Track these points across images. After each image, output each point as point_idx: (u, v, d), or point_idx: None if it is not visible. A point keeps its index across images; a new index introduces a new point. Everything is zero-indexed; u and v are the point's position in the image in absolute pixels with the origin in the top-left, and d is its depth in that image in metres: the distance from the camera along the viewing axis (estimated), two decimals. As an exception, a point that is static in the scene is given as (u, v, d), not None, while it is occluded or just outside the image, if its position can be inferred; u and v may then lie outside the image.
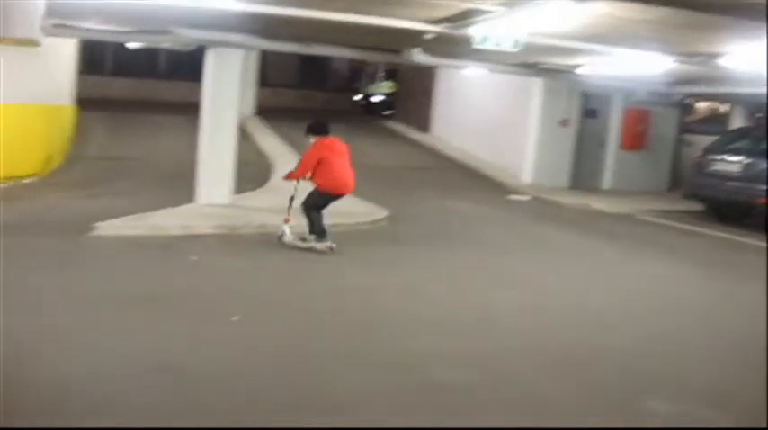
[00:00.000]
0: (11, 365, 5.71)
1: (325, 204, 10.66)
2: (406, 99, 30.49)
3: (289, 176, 10.79)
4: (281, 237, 10.71)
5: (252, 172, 17.43)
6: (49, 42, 16.00)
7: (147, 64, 31.35)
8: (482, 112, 23.17)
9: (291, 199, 10.78)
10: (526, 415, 5.35)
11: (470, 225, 13.79)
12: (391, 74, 32.38)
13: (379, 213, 13.50)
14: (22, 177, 15.87)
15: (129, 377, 5.64)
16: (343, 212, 13.16)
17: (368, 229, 12.53)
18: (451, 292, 8.86)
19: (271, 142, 22.84)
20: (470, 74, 21.25)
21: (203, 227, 11.53)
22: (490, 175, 20.69)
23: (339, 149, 10.68)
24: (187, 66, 25.23)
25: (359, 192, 15.54)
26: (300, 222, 10.76)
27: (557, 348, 6.93)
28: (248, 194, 14.78)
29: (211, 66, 13.43)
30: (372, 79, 34.39)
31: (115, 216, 11.52)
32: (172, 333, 6.77)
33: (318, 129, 10.76)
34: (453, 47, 12.45)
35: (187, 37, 12.52)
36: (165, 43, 14.38)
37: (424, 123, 27.53)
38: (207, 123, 13.48)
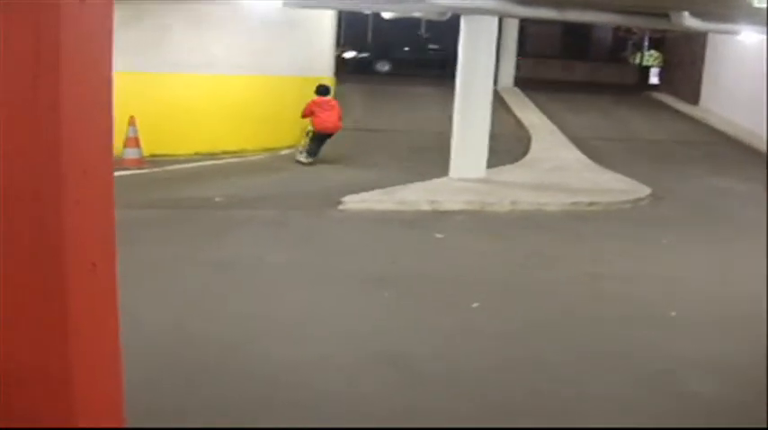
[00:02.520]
0: (231, 348, 5.50)
1: (317, 138, 14.86)
2: (673, 69, 28.86)
3: (303, 115, 14.96)
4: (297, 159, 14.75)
5: (509, 145, 16.88)
6: (306, 15, 16.25)
7: (406, 37, 31.36)
8: (757, 83, 21.38)
9: (308, 133, 14.98)
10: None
11: (742, 206, 12.40)
12: (658, 42, 30.72)
13: (642, 191, 12.50)
14: (280, 149, 16.12)
15: (355, 367, 5.24)
16: (603, 189, 12.43)
17: (627, 209, 11.58)
18: (719, 283, 7.83)
19: (529, 114, 22.18)
20: (745, 40, 19.58)
21: (453, 202, 11.08)
22: (764, 151, 19.00)
23: (325, 106, 14.99)
24: (445, 36, 24.99)
25: (622, 168, 14.73)
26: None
27: None
28: (504, 168, 14.23)
29: (465, 34, 12.91)
30: (638, 48, 32.87)
31: (365, 189, 11.38)
32: (406, 319, 6.34)
33: (318, 90, 15.06)
34: (728, 8, 11.23)
35: (437, 4, 12.04)
36: (416, 12, 14.16)
37: (692, 95, 25.89)
38: (461, 94, 13.01)
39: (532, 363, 5.45)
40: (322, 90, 15.19)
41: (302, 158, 14.82)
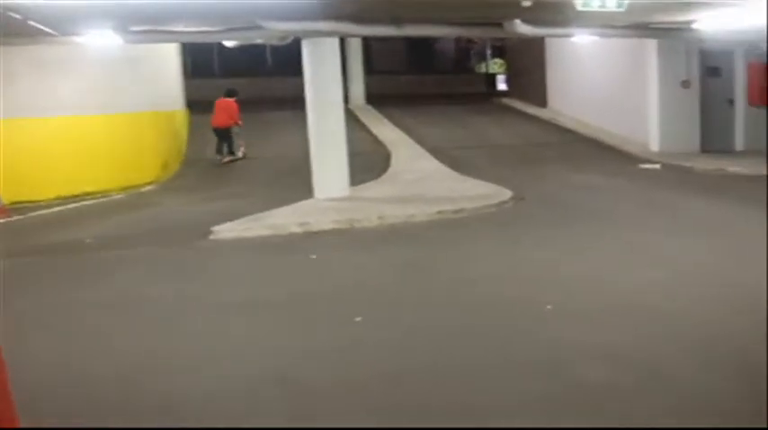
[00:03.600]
0: (123, 381, 5.41)
1: (215, 134, 18.40)
2: (518, 74, 29.68)
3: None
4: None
5: (369, 161, 17.05)
6: (152, 49, 16.07)
7: (253, 62, 31.23)
8: (599, 81, 22.25)
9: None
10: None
11: (602, 200, 12.86)
12: (501, 50, 31.55)
13: (504, 194, 12.82)
14: (140, 186, 15.88)
15: (245, 393, 5.20)
16: (466, 196, 12.69)
17: (493, 212, 11.85)
18: (588, 276, 8.08)
19: (385, 130, 22.41)
20: (581, 42, 20.35)
21: (322, 222, 11.13)
22: (615, 146, 19.73)
23: (220, 106, 18.45)
24: (295, 60, 25.04)
25: (482, 174, 15.06)
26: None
27: (717, 337, 6.09)
28: (368, 185, 14.38)
29: (308, 57, 13.03)
30: (482, 57, 33.66)
31: (232, 218, 11.30)
32: (290, 339, 6.33)
33: (225, 93, 18.69)
34: (556, 14, 11.65)
35: (276, 29, 12.04)
36: (257, 39, 14.24)
37: (540, 98, 26.68)
38: (313, 116, 13.09)
39: (421, 369, 5.51)
40: (226, 92, 18.78)
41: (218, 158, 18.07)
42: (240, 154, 18.61)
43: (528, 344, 6.00)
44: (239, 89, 28.63)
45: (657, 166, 16.75)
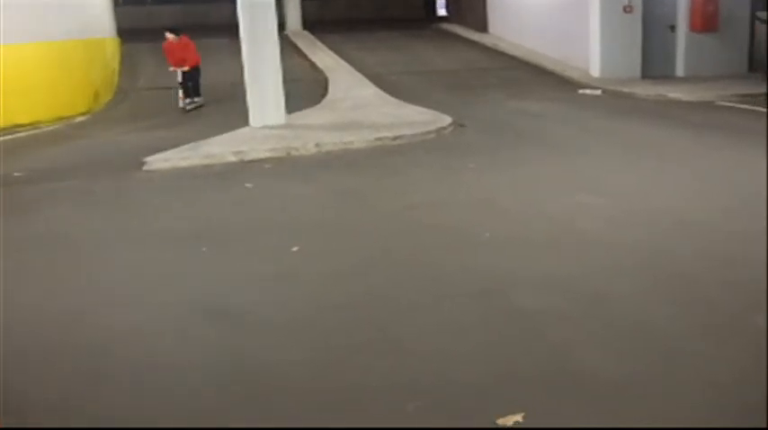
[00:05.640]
0: (53, 320, 5.23)
1: (185, 78, 15.97)
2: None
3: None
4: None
5: (306, 88, 16.83)
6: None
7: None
8: (540, 6, 22.10)
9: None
10: (622, 342, 4.57)
11: (541, 125, 12.77)
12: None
13: (443, 121, 12.67)
14: (72, 116, 15.46)
15: (175, 329, 5.04)
16: (405, 122, 12.55)
17: (432, 139, 11.71)
18: (527, 202, 7.97)
19: (323, 56, 22.10)
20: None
21: (258, 151, 10.90)
22: (556, 71, 19.68)
23: (178, 46, 16.01)
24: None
25: (422, 101, 14.90)
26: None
27: (652, 261, 5.99)
28: (305, 112, 14.15)
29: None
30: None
31: (166, 149, 11.02)
32: (228, 271, 6.15)
33: (172, 31, 16.13)
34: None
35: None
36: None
37: (480, 23, 26.47)
38: (247, 42, 12.73)
39: (363, 300, 5.39)
40: (172, 30, 16.25)
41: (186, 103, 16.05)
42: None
43: (466, 273, 5.88)
44: (172, 16, 28.14)
45: (598, 92, 16.76)
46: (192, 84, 16.09)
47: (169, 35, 16.03)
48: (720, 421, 3.64)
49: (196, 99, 16.16)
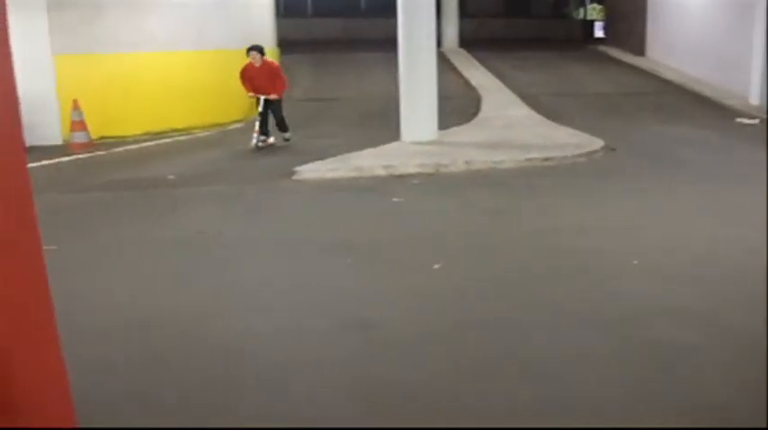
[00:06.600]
0: (194, 323, 5.41)
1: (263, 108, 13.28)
2: (617, 21, 28.91)
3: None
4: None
5: (459, 105, 16.87)
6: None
7: (346, 3, 31.10)
8: (701, 31, 21.50)
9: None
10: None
11: (692, 153, 12.37)
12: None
13: (595, 144, 12.49)
14: (226, 124, 15.96)
15: (316, 334, 5.14)
16: (556, 144, 12.43)
17: (582, 162, 11.56)
18: (674, 230, 7.77)
19: (477, 74, 22.12)
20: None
21: (407, 166, 10.99)
22: (713, 98, 19.09)
23: (261, 70, 13.20)
24: (389, 1, 24.84)
25: (574, 123, 14.74)
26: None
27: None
28: (456, 129, 14.19)
29: (402, -3, 12.77)
30: (581, 2, 32.90)
31: (318, 158, 11.25)
32: (369, 284, 6.23)
33: (256, 49, 13.25)
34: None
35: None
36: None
37: (637, 46, 25.98)
38: (404, 58, 12.85)
39: (499, 321, 5.37)
40: (255, 48, 13.37)
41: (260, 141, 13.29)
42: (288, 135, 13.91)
43: (608, 299, 5.78)
44: (332, 30, 28.57)
45: (756, 121, 16.15)
46: (276, 116, 13.53)
47: (255, 55, 13.19)
48: None
49: (286, 135, 13.80)
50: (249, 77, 13.18)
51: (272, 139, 13.45)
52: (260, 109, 13.17)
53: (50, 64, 14.12)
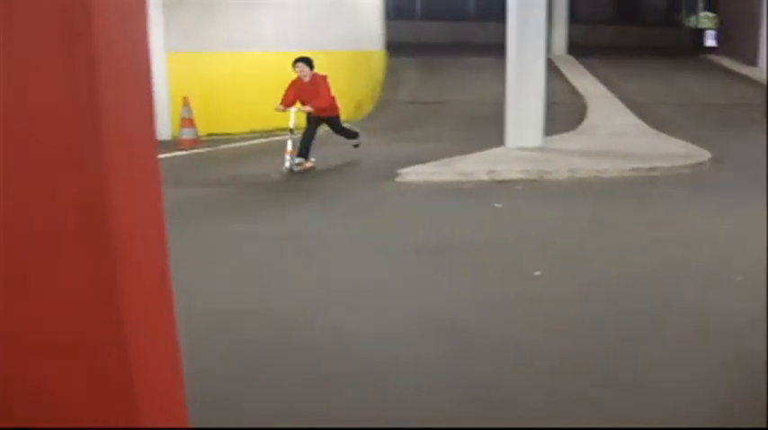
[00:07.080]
0: (293, 321, 5.55)
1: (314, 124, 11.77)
2: (730, 30, 28.30)
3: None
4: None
5: (565, 113, 16.78)
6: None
7: (456, 6, 31.14)
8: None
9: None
10: None
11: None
12: (713, 3, 30.13)
13: (702, 156, 12.31)
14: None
15: (416, 336, 5.25)
16: (662, 154, 12.30)
17: (688, 173, 11.40)
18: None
19: (584, 81, 21.97)
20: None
21: (510, 171, 11.03)
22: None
23: (309, 85, 11.69)
24: (498, 6, 24.85)
25: (681, 133, 14.54)
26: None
27: None
28: (561, 136, 14.15)
29: (514, 2, 12.80)
30: (693, 10, 32.28)
31: (421, 161, 11.38)
32: (467, 288, 6.31)
33: (305, 62, 11.83)
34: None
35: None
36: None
37: (750, 56, 25.37)
38: (513, 62, 12.90)
39: (598, 329, 5.40)
40: (304, 60, 12.01)
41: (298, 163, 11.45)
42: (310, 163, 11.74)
43: (710, 312, 5.75)
44: (440, 33, 28.49)
45: None
46: (337, 131, 12.55)
47: (302, 68, 11.81)
48: None
49: (354, 142, 12.72)
50: (295, 93, 11.68)
51: (309, 163, 11.61)
52: (290, 125, 11.59)
53: (163, 61, 14.55)
